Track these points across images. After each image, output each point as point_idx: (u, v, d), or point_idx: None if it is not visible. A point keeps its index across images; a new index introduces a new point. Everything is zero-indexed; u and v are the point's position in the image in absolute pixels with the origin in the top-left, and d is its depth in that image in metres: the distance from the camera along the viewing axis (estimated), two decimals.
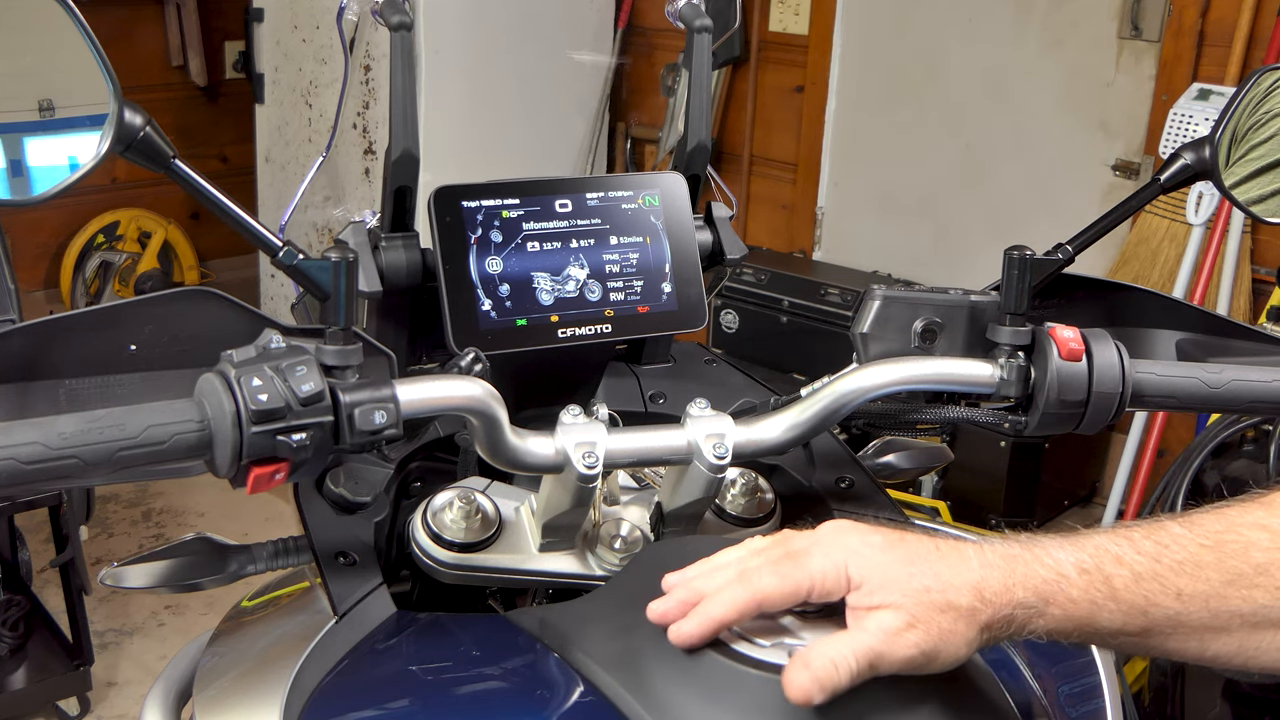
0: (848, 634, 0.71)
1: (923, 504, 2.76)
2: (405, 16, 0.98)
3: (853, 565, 0.72)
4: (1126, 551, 0.74)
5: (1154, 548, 0.74)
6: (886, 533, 0.74)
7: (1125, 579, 0.73)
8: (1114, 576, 0.73)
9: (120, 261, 4.18)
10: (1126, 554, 0.74)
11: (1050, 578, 0.72)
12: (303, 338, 0.79)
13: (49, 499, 2.38)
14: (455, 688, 0.82)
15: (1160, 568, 0.73)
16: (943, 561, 0.72)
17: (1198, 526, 0.76)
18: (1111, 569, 0.73)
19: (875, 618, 0.71)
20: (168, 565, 0.93)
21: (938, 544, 0.74)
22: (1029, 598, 0.72)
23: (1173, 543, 0.74)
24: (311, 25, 3.45)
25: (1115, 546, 0.74)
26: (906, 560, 0.72)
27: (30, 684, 2.46)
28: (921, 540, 0.74)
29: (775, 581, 0.73)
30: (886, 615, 0.71)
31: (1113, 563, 0.73)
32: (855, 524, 0.75)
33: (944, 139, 3.40)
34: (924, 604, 0.71)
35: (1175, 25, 2.89)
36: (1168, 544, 0.74)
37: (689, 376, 1.15)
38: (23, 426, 0.68)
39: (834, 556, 0.73)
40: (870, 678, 0.70)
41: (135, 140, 0.82)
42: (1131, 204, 1.02)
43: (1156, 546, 0.74)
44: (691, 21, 1.10)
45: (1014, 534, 0.76)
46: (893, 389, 0.93)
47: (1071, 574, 0.73)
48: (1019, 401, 0.95)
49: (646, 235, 1.05)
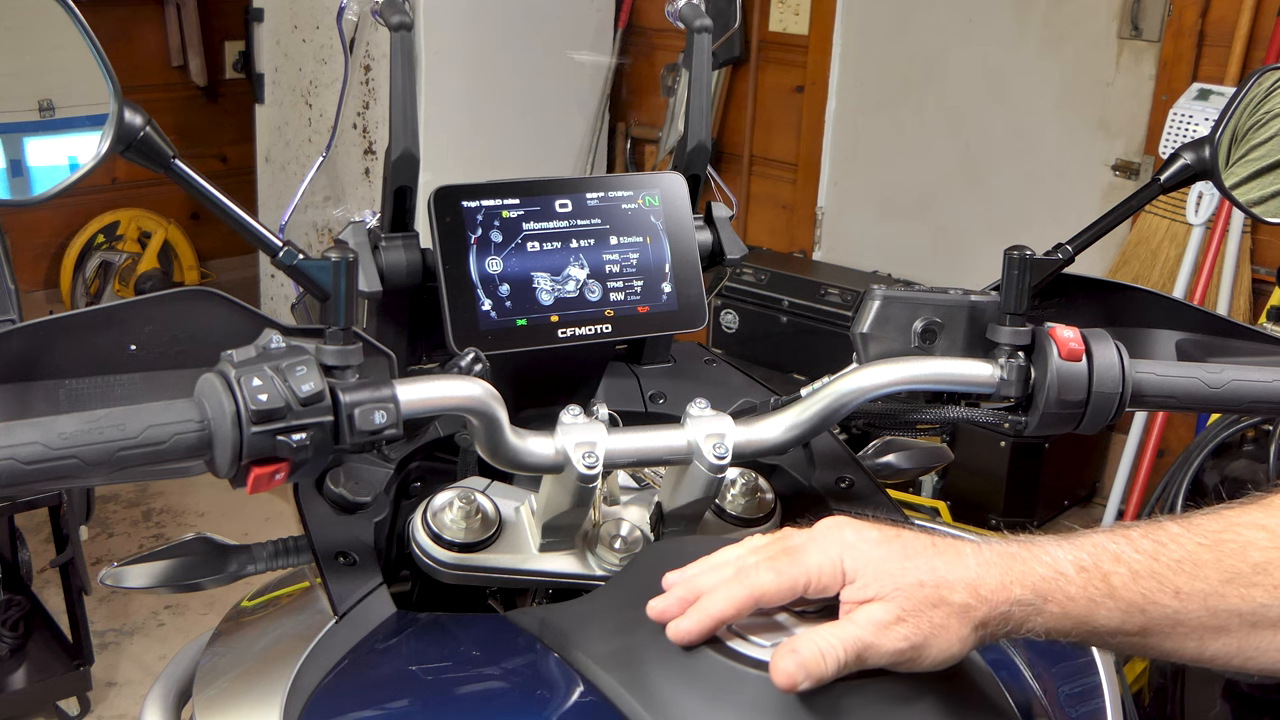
0: (837, 624, 0.71)
1: (923, 504, 2.76)
2: (405, 16, 0.98)
3: (848, 559, 0.73)
4: (1125, 550, 0.74)
5: (1152, 546, 0.74)
6: (883, 528, 0.75)
7: (1123, 577, 0.73)
8: (1112, 574, 0.73)
9: (120, 261, 4.18)
10: (1125, 552, 0.74)
11: (1048, 575, 0.72)
12: (303, 338, 0.79)
13: (49, 499, 2.38)
14: (455, 688, 0.82)
15: (1158, 566, 0.73)
16: (939, 557, 0.72)
17: (1196, 526, 0.76)
18: (1109, 566, 0.73)
19: (865, 610, 0.71)
20: (168, 565, 0.93)
21: (934, 541, 0.74)
22: (1026, 595, 0.72)
23: (1171, 541, 0.74)
24: (311, 25, 3.45)
25: (1113, 545, 0.74)
26: (901, 555, 0.72)
27: (30, 684, 2.46)
28: (918, 537, 0.74)
29: (772, 577, 0.73)
30: (877, 608, 0.71)
31: (1111, 560, 0.73)
32: (851, 520, 0.76)
33: (944, 139, 3.40)
34: (916, 598, 0.71)
35: (1175, 25, 2.89)
36: (1166, 543, 0.74)
37: (689, 376, 1.15)
38: (23, 426, 0.68)
39: (829, 551, 0.73)
40: (859, 669, 0.70)
41: (135, 140, 0.82)
42: (1131, 204, 1.02)
43: (1155, 545, 0.74)
44: (691, 21, 1.10)
45: (1012, 535, 0.76)
46: (893, 389, 0.93)
47: (1070, 572, 0.73)
48: (1019, 401, 0.95)
49: (646, 235, 1.05)
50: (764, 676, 0.71)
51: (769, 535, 0.79)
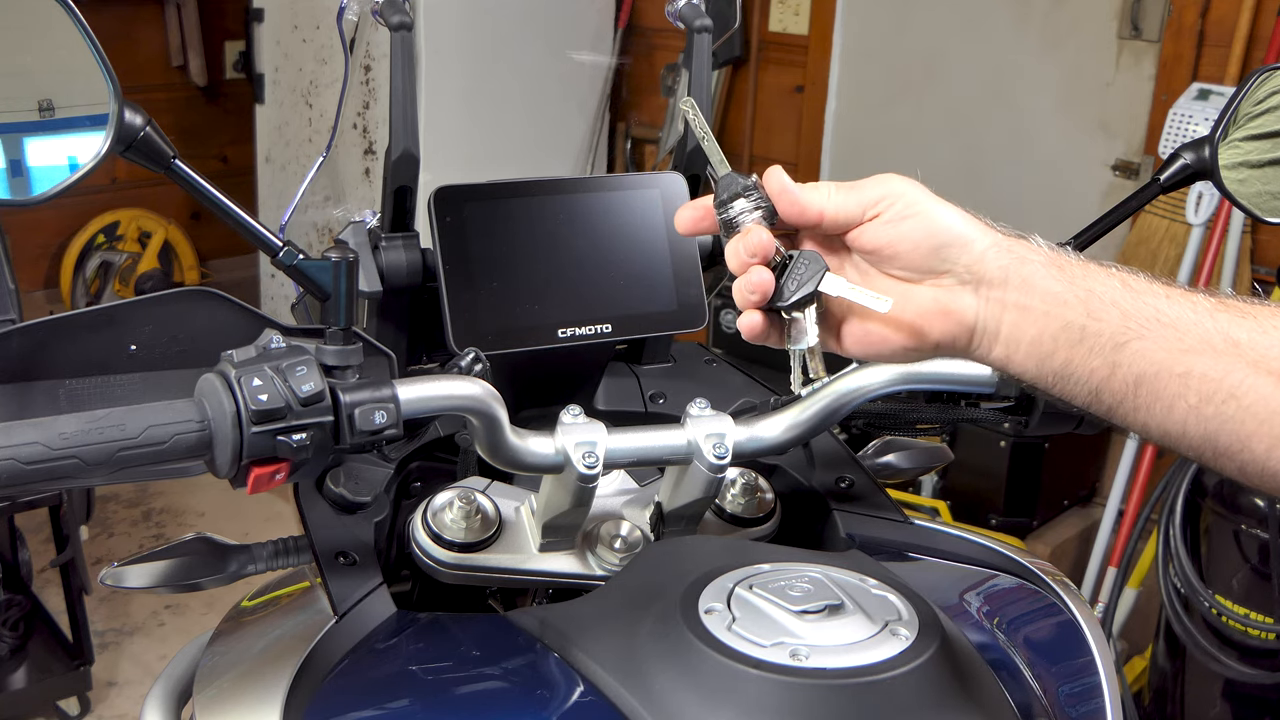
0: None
1: (923, 504, 2.76)
2: (405, 16, 0.98)
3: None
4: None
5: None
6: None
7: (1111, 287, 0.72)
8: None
9: (120, 261, 4.18)
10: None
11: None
12: (303, 338, 0.79)
13: (49, 499, 2.38)
14: (455, 688, 0.82)
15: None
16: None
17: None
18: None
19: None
20: (168, 565, 0.93)
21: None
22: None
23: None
24: (311, 25, 3.45)
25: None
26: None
27: (30, 684, 2.46)
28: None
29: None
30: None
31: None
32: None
33: (944, 139, 3.40)
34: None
35: (1175, 25, 2.89)
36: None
37: (689, 376, 1.15)
38: (23, 426, 0.68)
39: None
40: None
41: (135, 140, 0.82)
42: (1131, 204, 1.02)
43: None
44: (691, 21, 1.10)
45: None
46: (893, 388, 0.93)
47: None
48: (1019, 401, 0.95)
49: (646, 235, 1.05)
50: (764, 676, 0.71)
51: None
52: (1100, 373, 0.71)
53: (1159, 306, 0.71)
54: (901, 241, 0.74)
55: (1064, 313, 0.72)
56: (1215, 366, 0.69)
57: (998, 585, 0.99)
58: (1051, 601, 0.97)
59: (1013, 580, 0.99)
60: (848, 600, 0.77)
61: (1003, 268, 0.73)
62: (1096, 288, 0.72)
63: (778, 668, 0.71)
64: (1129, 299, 0.71)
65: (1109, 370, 0.71)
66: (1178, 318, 0.70)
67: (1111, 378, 0.71)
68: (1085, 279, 0.72)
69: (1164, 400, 0.70)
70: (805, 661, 0.72)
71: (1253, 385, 0.68)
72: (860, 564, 0.88)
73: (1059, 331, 0.72)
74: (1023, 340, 0.73)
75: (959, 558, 1.02)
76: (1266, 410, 0.67)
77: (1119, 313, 0.71)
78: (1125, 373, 0.71)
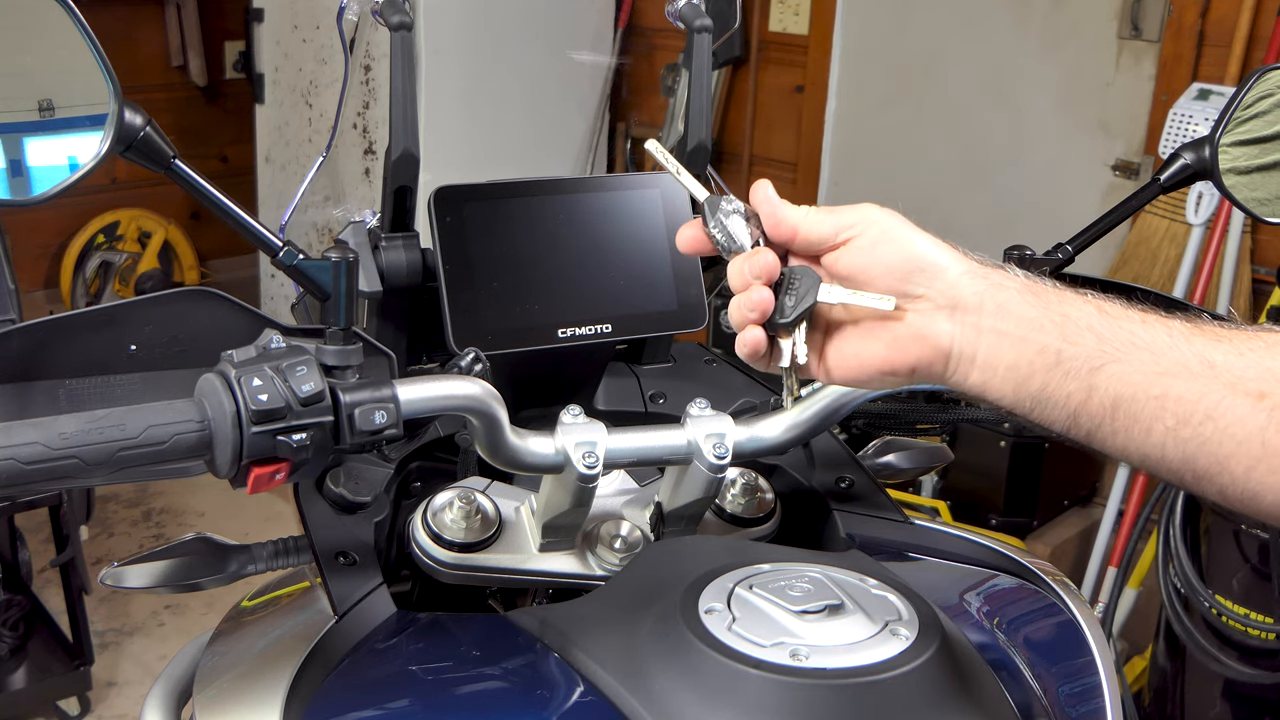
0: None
1: (923, 504, 2.76)
2: (405, 16, 0.98)
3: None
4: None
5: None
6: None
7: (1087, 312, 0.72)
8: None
9: (120, 261, 4.18)
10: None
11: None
12: (303, 338, 0.79)
13: (49, 499, 2.38)
14: (455, 688, 0.82)
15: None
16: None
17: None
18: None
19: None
20: (168, 565, 0.93)
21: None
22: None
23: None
24: (311, 25, 3.45)
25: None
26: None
27: (30, 684, 2.46)
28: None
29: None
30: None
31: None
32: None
33: (944, 139, 3.40)
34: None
35: (1175, 25, 2.89)
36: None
37: (689, 376, 1.15)
38: (23, 426, 0.68)
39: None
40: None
41: (135, 140, 0.82)
42: (1131, 204, 1.02)
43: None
44: (691, 21, 1.10)
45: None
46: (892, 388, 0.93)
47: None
48: None
49: (646, 235, 1.05)
50: (764, 676, 0.71)
51: None
52: (1077, 396, 0.72)
53: (1134, 330, 0.71)
54: (875, 265, 0.75)
55: (1040, 337, 0.72)
56: (1191, 388, 0.69)
57: (998, 585, 0.99)
58: (1051, 601, 0.97)
59: (1013, 580, 0.99)
60: (848, 600, 0.77)
61: (978, 293, 0.74)
62: (1072, 313, 0.72)
63: (778, 668, 0.71)
64: (1104, 323, 0.72)
65: (1086, 394, 0.71)
66: (1153, 341, 0.71)
67: (1089, 401, 0.72)
68: (1060, 304, 0.73)
69: (1142, 423, 0.70)
70: (805, 661, 0.72)
71: (1230, 406, 0.68)
72: (860, 564, 0.88)
73: (1035, 356, 0.72)
74: (999, 365, 0.73)
75: (959, 558, 1.02)
76: (1244, 431, 0.67)
77: (1094, 337, 0.71)
78: (1102, 396, 0.71)
